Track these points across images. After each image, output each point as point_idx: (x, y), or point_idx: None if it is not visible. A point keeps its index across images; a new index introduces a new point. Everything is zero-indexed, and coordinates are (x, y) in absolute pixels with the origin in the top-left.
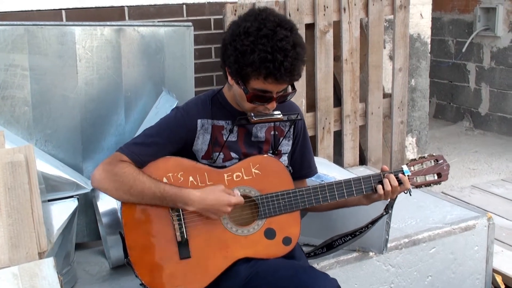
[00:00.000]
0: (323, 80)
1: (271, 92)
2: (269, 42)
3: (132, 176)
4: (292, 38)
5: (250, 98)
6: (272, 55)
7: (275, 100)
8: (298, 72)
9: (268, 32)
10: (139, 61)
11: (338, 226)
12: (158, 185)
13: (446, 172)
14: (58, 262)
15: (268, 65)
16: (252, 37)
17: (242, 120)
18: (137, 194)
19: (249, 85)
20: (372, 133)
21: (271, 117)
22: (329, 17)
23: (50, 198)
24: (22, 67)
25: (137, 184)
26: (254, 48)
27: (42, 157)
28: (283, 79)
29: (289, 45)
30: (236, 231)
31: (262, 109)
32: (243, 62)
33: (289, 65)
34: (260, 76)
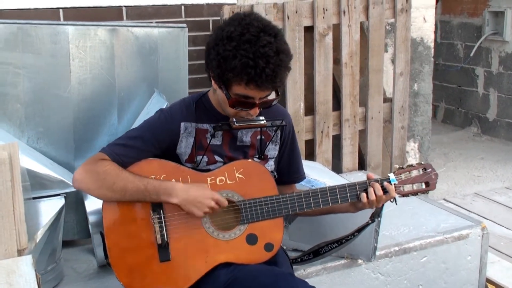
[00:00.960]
0: (322, 84)
1: (253, 98)
2: (252, 47)
3: (114, 172)
4: (276, 44)
5: (232, 103)
6: (254, 61)
7: (257, 106)
8: (280, 79)
9: (251, 38)
10: (132, 62)
11: (328, 232)
12: (141, 179)
13: (434, 181)
14: (43, 259)
15: (250, 71)
16: (235, 42)
17: (224, 126)
18: (120, 189)
19: (231, 90)
20: (372, 138)
21: (253, 123)
22: (329, 20)
23: (37, 196)
24: (15, 65)
25: (120, 179)
26: (236, 53)
27: (31, 154)
28: (264, 85)
29: (272, 51)
30: (218, 236)
31: (245, 114)
32: (225, 67)
33: (270, 71)
34: (242, 82)
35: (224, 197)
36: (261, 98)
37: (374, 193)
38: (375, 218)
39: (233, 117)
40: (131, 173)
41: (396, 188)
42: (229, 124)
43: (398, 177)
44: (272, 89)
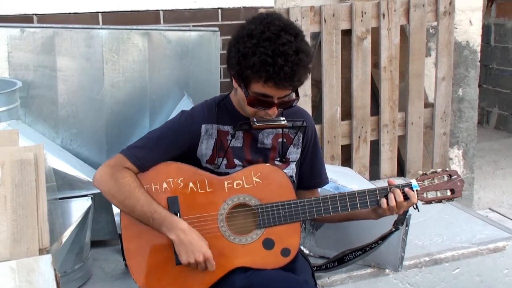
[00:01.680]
0: (359, 88)
1: (271, 97)
2: (271, 45)
3: (129, 188)
4: (296, 44)
5: (251, 101)
6: (272, 59)
7: (276, 106)
8: (298, 78)
9: (271, 36)
10: (164, 65)
11: (354, 240)
12: (150, 205)
13: (460, 188)
14: (70, 258)
15: (268, 69)
16: (255, 39)
17: (243, 125)
18: (129, 207)
19: (250, 88)
20: (412, 144)
21: (273, 123)
22: (367, 23)
23: (66, 196)
24: (50, 68)
25: (131, 198)
26: (255, 50)
27: (62, 155)
28: (282, 84)
29: (291, 50)
30: (234, 239)
31: (264, 114)
32: (244, 64)
33: (289, 70)
34: (260, 80)
35: (241, 201)
36: (280, 98)
37: (394, 199)
38: (398, 226)
39: (252, 117)
40: (145, 193)
41: (418, 194)
42: (249, 124)
43: (420, 183)
44: (290, 88)
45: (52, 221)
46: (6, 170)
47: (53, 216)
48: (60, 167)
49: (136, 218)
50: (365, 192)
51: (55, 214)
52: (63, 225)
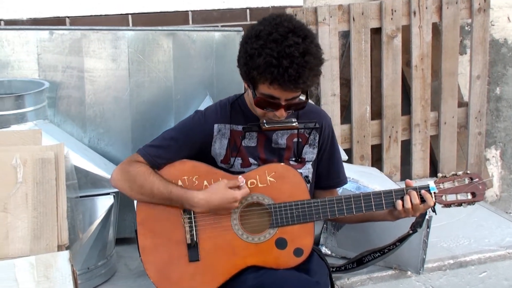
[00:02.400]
0: (390, 87)
1: (278, 98)
2: (277, 47)
3: (144, 175)
4: (303, 45)
5: (258, 102)
6: (277, 60)
7: (283, 108)
8: (304, 80)
9: (278, 37)
10: (189, 65)
11: (375, 241)
12: (166, 186)
13: (482, 192)
14: (93, 254)
15: (273, 70)
16: (262, 40)
17: (253, 127)
18: (148, 193)
19: (257, 89)
20: (445, 144)
21: (284, 125)
22: (397, 21)
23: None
24: (78, 69)
25: (148, 183)
26: (261, 51)
27: (87, 154)
28: (287, 86)
29: (297, 52)
30: (247, 238)
31: (272, 116)
32: (250, 65)
33: (294, 72)
34: (266, 81)
35: (254, 200)
36: (288, 100)
37: (410, 202)
38: (416, 228)
39: (262, 118)
40: (160, 177)
41: (436, 197)
42: (259, 125)
43: (438, 185)
44: (295, 90)
45: (74, 218)
46: (28, 169)
47: (74, 214)
48: (84, 165)
49: (158, 202)
50: (381, 194)
51: (76, 212)
52: (85, 223)
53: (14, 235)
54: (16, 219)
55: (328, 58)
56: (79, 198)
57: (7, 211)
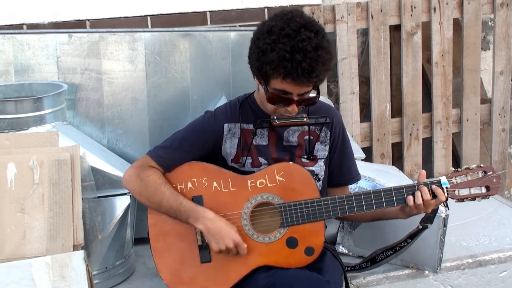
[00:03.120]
0: (410, 84)
1: (291, 93)
2: (290, 41)
3: (154, 185)
4: (316, 40)
5: (270, 98)
6: (291, 55)
7: (295, 103)
8: (317, 74)
9: (291, 32)
10: (205, 66)
11: (391, 240)
12: (176, 198)
13: (496, 185)
14: (111, 254)
15: (286, 64)
16: (275, 35)
17: (264, 123)
18: (156, 203)
19: (269, 85)
20: (468, 141)
21: (294, 120)
22: (417, 17)
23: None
24: (96, 71)
25: (157, 193)
26: (274, 46)
27: (104, 155)
28: (300, 80)
29: (310, 46)
30: (258, 238)
31: (284, 111)
32: (263, 61)
33: (307, 66)
34: (279, 76)
35: (264, 199)
36: (300, 94)
37: (421, 197)
38: (427, 224)
39: (273, 115)
40: (170, 188)
41: (449, 192)
42: (269, 121)
43: (450, 180)
44: (308, 84)
45: (92, 219)
46: (44, 170)
47: (92, 214)
48: (102, 166)
49: (164, 212)
50: (391, 190)
51: (95, 212)
52: (102, 223)
53: (31, 235)
54: (33, 219)
55: (347, 56)
56: (97, 199)
57: (24, 212)
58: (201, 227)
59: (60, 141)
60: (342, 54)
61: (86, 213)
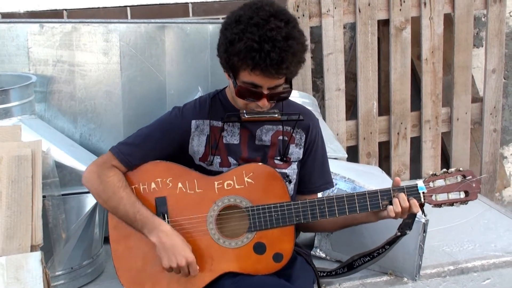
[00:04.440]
0: (398, 81)
1: (261, 86)
2: (259, 31)
3: (112, 188)
4: (286, 30)
5: (239, 92)
6: (259, 44)
7: (265, 97)
8: (287, 66)
9: (260, 21)
10: (183, 59)
11: (369, 244)
12: (133, 205)
13: (476, 190)
14: (77, 254)
15: (254, 55)
16: (242, 25)
17: (232, 117)
18: (112, 207)
19: (238, 78)
20: (458, 141)
21: (265, 116)
22: (407, 12)
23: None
24: (69, 63)
25: (114, 198)
26: (242, 36)
27: (72, 150)
28: (269, 71)
29: (280, 36)
30: (224, 243)
31: (254, 106)
32: (230, 52)
33: (276, 56)
34: (247, 68)
35: (231, 202)
36: (270, 88)
37: (400, 205)
38: (405, 230)
39: (243, 110)
40: (129, 193)
41: (426, 197)
42: (238, 115)
43: (428, 184)
44: (279, 77)
45: (55, 217)
46: (3, 166)
47: (56, 212)
48: (69, 162)
49: (120, 218)
50: (365, 195)
51: (58, 210)
52: (68, 222)
53: None
54: None
55: (333, 51)
56: (62, 196)
57: None
58: (154, 240)
59: (26, 135)
60: (328, 49)
61: (50, 211)
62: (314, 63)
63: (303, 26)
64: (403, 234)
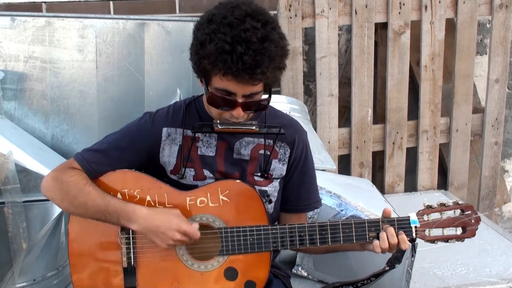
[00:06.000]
0: (395, 88)
1: (234, 94)
2: (232, 31)
3: (78, 186)
4: (263, 31)
5: (210, 99)
6: (231, 46)
7: (240, 106)
8: (262, 70)
9: (233, 21)
10: (163, 59)
11: (354, 267)
12: (104, 197)
13: (474, 227)
14: (41, 265)
15: (226, 57)
16: (215, 25)
17: (204, 127)
18: (81, 206)
19: (210, 84)
20: (456, 154)
21: (241, 127)
22: (406, 16)
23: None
24: (41, 60)
25: (82, 195)
26: (213, 37)
27: (39, 154)
28: (242, 76)
29: (255, 37)
30: (192, 266)
31: (229, 116)
32: (201, 54)
33: (250, 59)
34: (219, 72)
35: (204, 221)
36: (246, 96)
37: (387, 240)
38: (394, 264)
39: (217, 119)
40: (96, 188)
41: (418, 231)
42: (211, 126)
43: (422, 218)
44: (254, 83)
45: (15, 225)
46: None
47: (16, 220)
48: (35, 167)
49: (91, 217)
50: (351, 225)
51: (19, 218)
52: (32, 230)
53: None
54: None
55: (326, 54)
56: (24, 203)
57: None
58: (136, 228)
59: None
60: (321, 52)
61: (10, 219)
62: (308, 66)
63: (295, 27)
64: (391, 268)
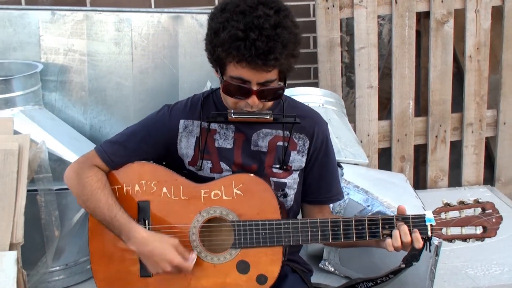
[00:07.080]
0: (438, 80)
1: (249, 82)
2: (245, 18)
3: (91, 189)
4: (276, 18)
5: (225, 88)
6: (244, 33)
7: (255, 93)
8: (276, 57)
9: (246, 8)
10: (197, 51)
11: (379, 264)
12: (111, 209)
13: (495, 226)
14: (73, 250)
15: (239, 44)
16: (228, 13)
17: (218, 117)
18: (90, 209)
19: (225, 73)
20: (504, 147)
21: (255, 116)
22: (449, 4)
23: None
24: (80, 52)
25: (93, 199)
26: (227, 25)
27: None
28: (255, 62)
29: (268, 24)
30: (206, 257)
31: (244, 105)
32: (215, 43)
33: (263, 45)
34: (233, 60)
35: (217, 214)
36: (260, 84)
37: (400, 238)
38: (412, 262)
39: (232, 109)
40: (107, 195)
41: (434, 230)
42: (225, 115)
43: (438, 216)
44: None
45: (48, 213)
46: None
47: (49, 208)
48: (68, 156)
49: (99, 221)
50: (364, 222)
51: (52, 206)
52: (65, 218)
53: None
54: None
55: (365, 45)
56: (57, 191)
57: None
58: (133, 248)
59: (25, 127)
60: (360, 43)
61: (42, 207)
62: (350, 57)
63: (332, 18)
64: (408, 266)
